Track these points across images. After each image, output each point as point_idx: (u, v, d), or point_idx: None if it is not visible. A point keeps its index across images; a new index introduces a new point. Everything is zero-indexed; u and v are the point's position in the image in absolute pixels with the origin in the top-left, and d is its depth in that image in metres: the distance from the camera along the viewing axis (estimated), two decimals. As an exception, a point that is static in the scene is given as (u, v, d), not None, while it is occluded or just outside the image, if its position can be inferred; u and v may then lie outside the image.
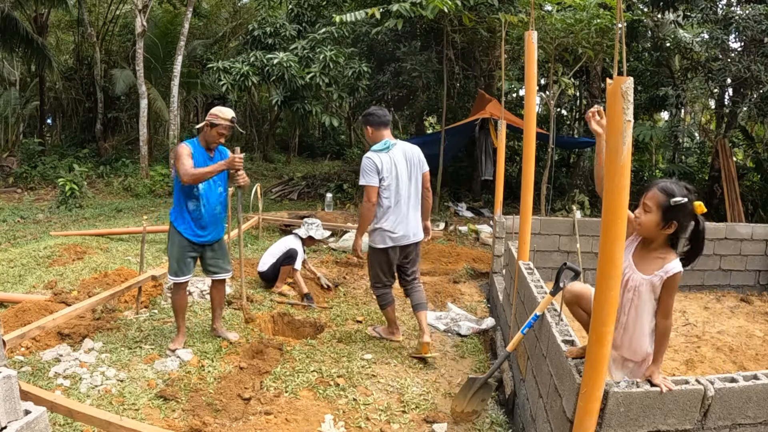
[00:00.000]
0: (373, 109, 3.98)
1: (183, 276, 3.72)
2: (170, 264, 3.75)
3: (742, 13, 8.59)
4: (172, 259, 3.71)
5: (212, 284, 3.99)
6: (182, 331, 3.84)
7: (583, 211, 9.92)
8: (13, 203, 10.75)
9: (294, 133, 19.75)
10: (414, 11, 7.70)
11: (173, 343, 3.78)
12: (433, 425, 2.93)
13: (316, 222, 5.65)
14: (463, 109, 12.11)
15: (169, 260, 3.76)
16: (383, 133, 3.89)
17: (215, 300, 4.01)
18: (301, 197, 11.81)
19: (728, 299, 5.48)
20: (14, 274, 5.49)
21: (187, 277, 3.74)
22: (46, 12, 14.35)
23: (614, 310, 1.73)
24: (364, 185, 3.78)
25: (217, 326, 4.03)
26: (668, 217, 1.97)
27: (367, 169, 3.76)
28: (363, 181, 3.77)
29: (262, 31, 10.64)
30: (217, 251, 3.87)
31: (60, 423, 2.76)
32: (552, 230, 5.60)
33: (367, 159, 3.78)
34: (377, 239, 3.88)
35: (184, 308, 3.86)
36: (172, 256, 3.71)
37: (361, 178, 3.80)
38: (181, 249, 3.68)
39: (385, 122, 3.91)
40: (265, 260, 5.28)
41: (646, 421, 1.84)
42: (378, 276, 4.00)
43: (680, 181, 2.06)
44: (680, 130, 11.75)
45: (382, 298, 4.04)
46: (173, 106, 12.90)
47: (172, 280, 3.74)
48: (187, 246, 3.69)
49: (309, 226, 5.56)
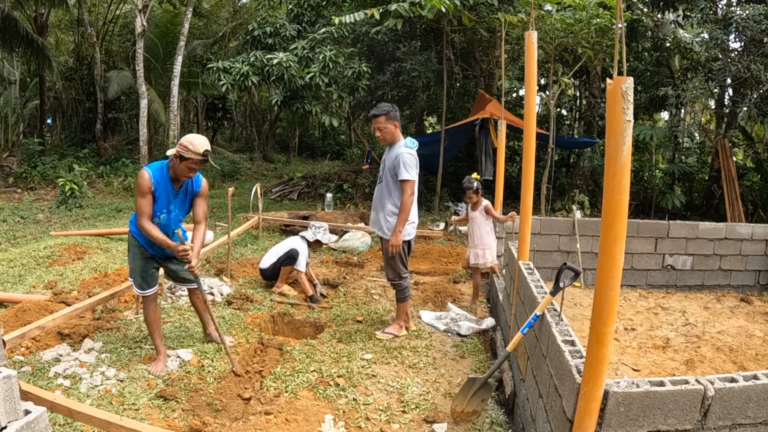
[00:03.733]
0: (392, 105, 4.05)
1: (150, 288, 3.43)
2: (134, 278, 3.44)
3: (742, 13, 8.58)
4: (135, 274, 3.42)
5: (189, 291, 3.73)
6: (162, 351, 3.47)
7: (583, 211, 9.93)
8: (13, 203, 10.74)
9: (294, 133, 19.75)
10: (413, 11, 7.70)
11: (154, 366, 3.40)
12: (433, 425, 2.93)
13: (323, 225, 5.52)
14: (463, 109, 12.11)
15: (133, 274, 3.44)
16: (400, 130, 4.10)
17: (198, 306, 3.77)
18: (301, 197, 11.81)
19: (728, 299, 5.48)
20: (14, 274, 5.49)
21: (153, 288, 3.44)
22: (46, 12, 14.35)
23: (614, 310, 1.73)
24: (408, 179, 3.90)
25: (210, 331, 3.83)
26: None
27: (412, 164, 3.92)
28: (408, 175, 3.89)
29: (262, 31, 10.65)
30: (179, 263, 3.48)
31: (60, 423, 2.76)
32: (552, 230, 5.60)
33: (410, 155, 3.93)
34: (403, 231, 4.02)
35: (159, 323, 3.51)
36: (134, 270, 3.41)
37: (405, 173, 3.89)
38: (144, 261, 3.39)
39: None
40: (268, 258, 5.28)
41: (646, 421, 1.84)
42: (401, 268, 4.14)
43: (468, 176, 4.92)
44: (680, 130, 11.75)
45: (406, 290, 4.21)
46: (173, 106, 12.90)
47: (138, 293, 3.45)
48: (149, 258, 3.41)
49: (316, 229, 5.43)
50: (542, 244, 5.57)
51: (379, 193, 4.13)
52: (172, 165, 3.23)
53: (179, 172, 3.21)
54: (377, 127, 4.02)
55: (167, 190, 3.26)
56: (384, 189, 4.08)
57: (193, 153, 3.13)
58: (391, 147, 4.11)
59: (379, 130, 4.02)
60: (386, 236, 4.06)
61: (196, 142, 3.15)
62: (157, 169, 3.24)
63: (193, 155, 3.13)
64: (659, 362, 3.77)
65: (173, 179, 3.27)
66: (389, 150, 4.12)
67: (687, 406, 1.85)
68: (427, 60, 10.01)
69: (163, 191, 3.23)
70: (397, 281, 4.17)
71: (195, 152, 3.13)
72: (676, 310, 4.97)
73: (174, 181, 3.28)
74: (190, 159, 3.14)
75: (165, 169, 3.25)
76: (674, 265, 5.69)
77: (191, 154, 3.13)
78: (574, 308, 4.87)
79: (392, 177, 4.01)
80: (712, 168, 10.55)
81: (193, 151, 3.13)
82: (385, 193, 4.07)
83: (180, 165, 3.17)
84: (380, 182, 4.14)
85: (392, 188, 4.03)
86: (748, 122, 13.76)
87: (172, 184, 3.27)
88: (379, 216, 4.11)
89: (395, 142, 4.06)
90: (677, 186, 11.68)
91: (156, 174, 3.21)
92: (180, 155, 3.15)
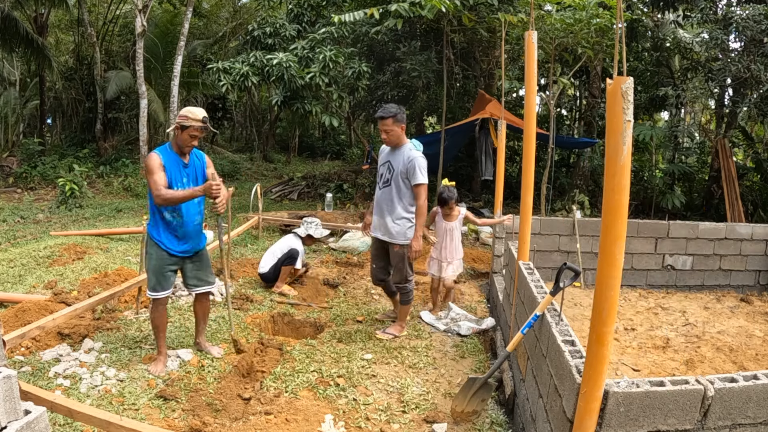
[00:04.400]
0: (398, 107, 4.00)
1: (163, 291, 3.43)
2: (149, 278, 3.45)
3: (742, 13, 8.58)
4: (151, 273, 3.43)
5: (195, 298, 3.74)
6: (163, 352, 3.51)
7: (583, 211, 9.92)
8: (13, 203, 10.74)
9: (294, 133, 19.75)
10: (413, 11, 7.70)
11: (154, 366, 3.45)
12: (433, 425, 2.93)
13: (315, 221, 5.70)
14: (463, 109, 12.11)
15: (148, 274, 3.47)
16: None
17: (198, 314, 3.77)
18: (301, 197, 11.81)
19: (728, 299, 5.48)
20: (14, 274, 5.49)
21: (167, 292, 3.46)
22: (46, 12, 14.35)
23: (614, 310, 1.73)
24: (424, 183, 3.92)
25: (200, 340, 3.81)
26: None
27: (425, 167, 3.93)
28: (424, 179, 3.92)
29: (261, 32, 10.64)
30: (198, 263, 3.58)
31: (60, 423, 2.76)
32: (552, 230, 5.60)
33: (423, 159, 3.93)
34: (410, 234, 4.02)
35: (165, 326, 3.52)
36: (150, 270, 3.43)
37: (421, 177, 3.91)
38: (160, 261, 3.40)
39: None
40: (266, 261, 5.28)
41: (646, 421, 1.84)
42: (408, 272, 4.15)
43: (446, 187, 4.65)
44: (680, 130, 11.75)
45: (411, 293, 4.22)
46: (173, 106, 12.89)
47: (151, 295, 3.44)
48: (167, 258, 3.41)
49: (308, 224, 5.61)
50: (542, 244, 5.58)
51: (386, 196, 4.04)
52: (175, 140, 3.36)
53: (182, 142, 3.33)
54: (384, 129, 3.95)
55: (177, 165, 3.38)
56: (393, 193, 3.99)
57: (194, 120, 3.29)
58: (395, 149, 4.03)
59: (385, 132, 3.96)
60: (393, 240, 4.04)
61: (194, 110, 3.32)
62: (162, 149, 3.37)
63: (193, 122, 3.28)
64: (659, 362, 3.77)
65: (179, 154, 3.40)
66: (393, 152, 4.04)
67: (687, 406, 1.85)
68: (427, 60, 10.01)
69: (173, 166, 3.35)
70: (403, 284, 4.15)
71: (195, 119, 3.29)
72: (676, 310, 4.97)
73: (180, 155, 3.40)
74: (191, 127, 3.28)
75: (169, 148, 3.39)
76: (674, 265, 5.69)
77: (191, 122, 3.28)
78: (574, 308, 4.87)
79: (403, 181, 3.95)
80: (712, 168, 10.55)
81: (193, 119, 3.29)
82: (395, 196, 3.99)
83: (182, 135, 3.31)
84: (387, 185, 4.04)
85: (403, 192, 3.97)
86: (748, 122, 13.76)
87: (180, 158, 3.40)
88: (386, 220, 4.03)
89: (401, 145, 4.01)
90: (677, 186, 11.69)
91: (163, 153, 3.34)
92: (181, 125, 3.29)
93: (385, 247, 4.18)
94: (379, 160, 4.19)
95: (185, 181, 3.41)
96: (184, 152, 3.39)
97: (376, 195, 4.20)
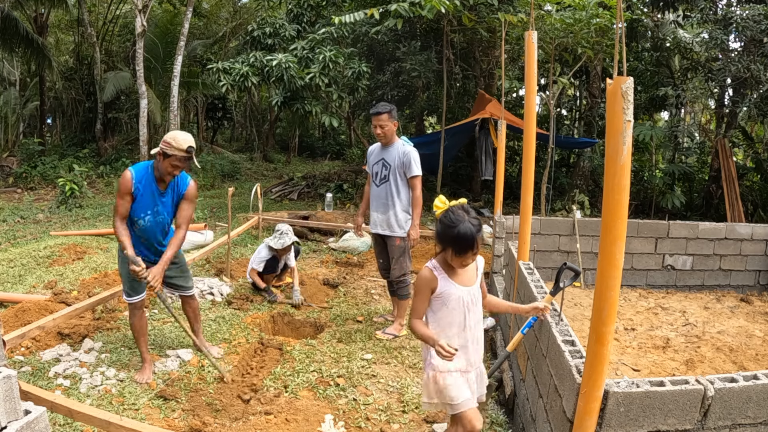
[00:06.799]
0: (392, 105, 4.12)
1: (137, 295, 3.30)
2: (123, 283, 3.32)
3: (742, 13, 8.58)
4: (124, 278, 3.28)
5: (182, 300, 3.67)
6: (147, 358, 3.37)
7: (583, 211, 9.92)
8: (13, 203, 10.74)
9: (294, 133, 19.74)
10: (413, 11, 7.70)
11: (139, 374, 3.31)
12: (433, 425, 2.93)
13: (281, 229, 5.02)
14: (463, 109, 12.11)
15: (122, 279, 3.32)
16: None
17: (189, 314, 3.68)
18: (301, 197, 11.81)
19: (728, 299, 5.48)
20: (14, 274, 5.49)
21: (141, 296, 3.32)
22: (46, 12, 14.35)
23: (614, 310, 1.73)
24: (420, 175, 4.08)
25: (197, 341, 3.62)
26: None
27: (419, 160, 4.09)
28: (419, 171, 4.08)
29: (261, 32, 10.64)
30: (172, 269, 3.41)
31: (60, 423, 2.76)
32: (552, 230, 5.60)
33: (416, 152, 4.07)
34: (407, 227, 4.13)
35: (144, 331, 3.39)
36: (123, 275, 3.28)
37: (417, 169, 4.06)
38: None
39: None
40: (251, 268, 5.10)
41: (646, 421, 1.83)
42: (408, 265, 4.22)
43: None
44: (680, 130, 11.75)
45: (409, 287, 4.24)
46: (173, 106, 12.89)
47: (126, 300, 3.32)
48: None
49: (274, 234, 5.05)
50: (542, 244, 5.58)
51: (385, 192, 4.15)
52: (156, 164, 3.10)
53: (163, 170, 3.06)
54: (379, 124, 4.05)
55: (152, 190, 3.13)
56: (392, 188, 4.11)
57: (176, 149, 2.99)
58: (387, 146, 4.16)
59: (380, 127, 4.06)
60: (396, 234, 4.14)
61: (179, 138, 3.02)
62: (141, 169, 3.13)
63: (176, 152, 2.99)
64: (659, 362, 3.77)
65: (158, 179, 3.14)
66: (386, 149, 4.16)
67: (687, 406, 1.85)
68: (427, 60, 10.01)
69: (147, 191, 3.11)
70: (402, 278, 4.21)
71: (178, 148, 2.99)
72: (676, 310, 4.97)
73: (159, 181, 3.14)
74: (173, 156, 3.00)
75: (150, 169, 3.13)
76: (674, 265, 5.69)
77: (174, 151, 2.99)
78: (574, 308, 4.87)
79: (401, 175, 4.10)
80: (712, 168, 10.54)
81: (176, 147, 2.99)
82: (394, 192, 4.12)
83: (163, 162, 3.03)
84: (384, 182, 4.15)
85: (401, 186, 4.11)
86: (748, 122, 13.75)
87: (156, 184, 3.14)
88: (389, 215, 4.15)
89: (393, 142, 4.14)
90: (677, 186, 11.68)
91: (139, 174, 3.10)
92: (163, 152, 3.01)
93: (387, 242, 4.26)
94: (371, 159, 4.28)
95: (158, 209, 3.20)
96: (164, 179, 3.14)
97: (371, 193, 4.28)
